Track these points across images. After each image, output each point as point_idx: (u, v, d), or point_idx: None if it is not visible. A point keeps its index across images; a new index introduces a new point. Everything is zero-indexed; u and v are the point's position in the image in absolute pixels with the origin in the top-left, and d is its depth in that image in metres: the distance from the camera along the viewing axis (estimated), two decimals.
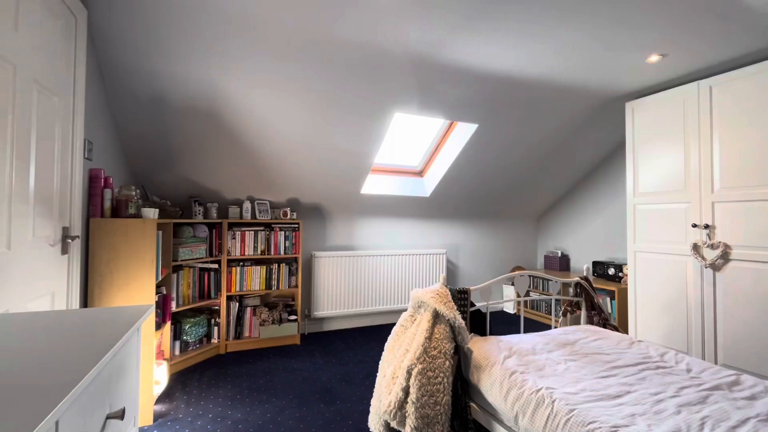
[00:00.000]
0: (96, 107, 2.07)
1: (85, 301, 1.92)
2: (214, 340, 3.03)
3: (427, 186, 3.77)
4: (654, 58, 2.31)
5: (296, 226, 3.32)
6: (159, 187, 2.96)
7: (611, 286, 3.35)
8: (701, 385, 1.50)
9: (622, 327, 3.25)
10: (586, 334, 2.09)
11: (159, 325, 2.33)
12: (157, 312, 2.30)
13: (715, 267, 2.41)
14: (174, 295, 2.72)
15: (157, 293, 2.32)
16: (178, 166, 2.83)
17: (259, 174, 3.09)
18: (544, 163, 3.73)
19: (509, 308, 4.33)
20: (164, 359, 2.48)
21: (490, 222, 4.44)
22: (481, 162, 3.51)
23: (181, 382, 2.51)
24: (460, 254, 4.28)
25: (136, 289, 1.97)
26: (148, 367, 1.97)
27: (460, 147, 3.29)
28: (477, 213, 4.31)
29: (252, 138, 2.73)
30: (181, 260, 2.75)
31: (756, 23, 1.89)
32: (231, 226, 3.16)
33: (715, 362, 2.40)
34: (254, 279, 3.19)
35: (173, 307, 2.70)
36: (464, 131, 3.23)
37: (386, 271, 3.76)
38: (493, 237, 4.46)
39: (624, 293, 3.30)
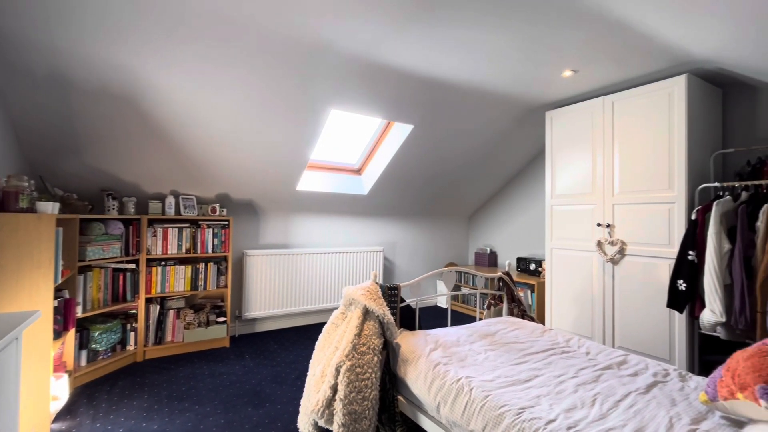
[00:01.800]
0: None
1: None
2: (130, 347, 2.77)
3: (364, 184, 3.79)
4: (568, 73, 2.54)
5: (226, 223, 3.15)
6: (63, 178, 2.63)
7: (532, 280, 3.65)
8: (596, 365, 1.69)
9: (540, 317, 3.55)
10: (505, 325, 2.25)
11: (59, 334, 2.07)
12: (56, 318, 2.05)
13: (614, 261, 2.72)
14: (80, 299, 2.44)
15: (56, 298, 2.07)
16: (88, 155, 2.54)
17: (185, 167, 2.89)
18: (475, 164, 3.94)
19: (442, 303, 4.52)
20: (66, 371, 2.22)
21: (425, 220, 4.59)
22: (416, 162, 3.61)
23: (88, 395, 2.27)
24: (397, 252, 4.38)
25: (29, 293, 1.73)
26: (42, 382, 1.75)
27: (396, 146, 3.36)
28: (413, 211, 4.43)
29: (176, 128, 2.53)
30: (90, 260, 2.48)
31: (651, 49, 2.16)
32: (151, 222, 2.91)
33: (613, 345, 2.72)
34: (178, 279, 2.98)
35: (79, 313, 2.42)
36: (401, 131, 3.30)
37: (323, 270, 3.72)
38: (428, 235, 4.62)
39: (542, 286, 3.61)
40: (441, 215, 4.70)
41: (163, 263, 2.93)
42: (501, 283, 2.59)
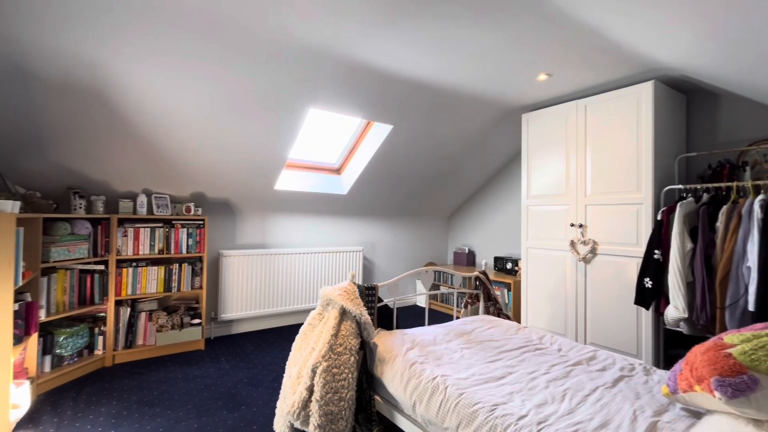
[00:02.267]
0: None
1: None
2: (98, 352, 2.67)
3: (344, 183, 3.77)
4: (543, 77, 2.61)
5: (201, 222, 3.08)
6: (26, 176, 2.51)
7: (508, 279, 3.72)
8: (567, 361, 1.74)
9: (516, 315, 3.63)
10: (482, 323, 2.29)
11: (20, 339, 1.98)
12: (17, 323, 1.95)
13: (586, 260, 2.81)
14: (43, 302, 2.34)
15: (17, 301, 1.98)
16: (52, 152, 2.43)
17: (158, 165, 2.80)
18: (454, 165, 3.99)
19: (422, 302, 4.56)
20: (28, 378, 2.12)
21: (405, 220, 4.61)
22: (396, 162, 3.62)
23: (52, 402, 2.17)
24: (377, 252, 4.38)
25: None
26: (2, 389, 1.66)
27: (376, 146, 3.36)
28: (393, 211, 4.44)
29: (148, 125, 2.46)
30: (54, 261, 2.37)
31: (621, 56, 2.24)
32: (122, 222, 2.81)
33: (585, 341, 2.81)
34: (150, 281, 2.89)
35: (42, 317, 2.32)
36: (380, 131, 3.30)
37: (301, 270, 3.69)
38: (408, 235, 4.64)
39: (518, 285, 3.68)
40: (421, 215, 4.74)
41: (134, 264, 2.84)
42: (478, 282, 2.63)
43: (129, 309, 2.83)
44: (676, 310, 2.18)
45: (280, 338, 3.34)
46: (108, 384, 2.41)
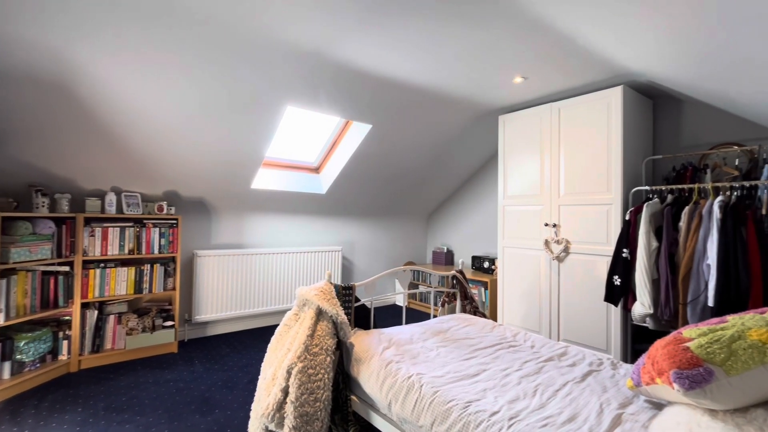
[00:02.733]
0: None
1: None
2: (63, 357, 2.56)
3: (323, 183, 3.75)
4: (518, 80, 2.66)
5: (174, 222, 2.99)
6: None
7: (485, 278, 3.78)
8: (539, 358, 1.78)
9: (492, 313, 3.70)
10: (458, 321, 2.31)
11: None
12: None
13: (559, 259, 2.89)
14: (2, 305, 2.22)
15: None
16: (11, 147, 2.31)
17: (127, 162, 2.70)
18: (433, 165, 4.03)
19: (401, 301, 4.58)
20: None
21: (384, 220, 4.62)
22: (375, 161, 3.62)
23: (11, 411, 2.06)
24: (356, 251, 4.37)
25: None
26: None
27: (355, 146, 3.35)
28: (372, 211, 4.44)
29: (117, 120, 2.37)
30: (14, 263, 2.25)
31: (592, 61, 2.31)
32: (89, 221, 2.70)
33: (558, 338, 2.89)
34: (120, 282, 2.78)
35: (1, 321, 2.20)
36: (359, 130, 3.29)
37: (279, 270, 3.64)
38: (388, 234, 4.65)
39: (495, 284, 3.75)
40: (400, 215, 4.76)
41: (102, 265, 2.73)
42: (455, 281, 2.66)
43: (96, 312, 2.72)
44: (642, 306, 2.27)
45: (256, 340, 3.28)
46: (73, 390, 2.31)
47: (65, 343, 2.57)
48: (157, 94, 2.27)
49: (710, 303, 1.98)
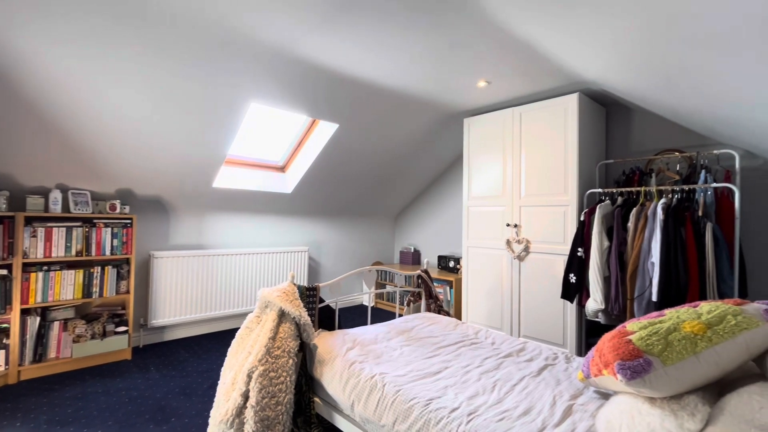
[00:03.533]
0: None
1: None
2: (0, 368, 2.36)
3: (289, 182, 3.68)
4: (482, 84, 2.73)
5: (128, 221, 2.83)
6: None
7: (451, 277, 3.86)
8: (499, 354, 1.84)
9: (457, 312, 3.78)
10: (422, 320, 2.34)
11: None
12: None
13: (520, 258, 3.00)
14: None
15: None
16: None
17: (76, 158, 2.53)
18: (400, 165, 4.06)
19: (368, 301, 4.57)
20: None
21: (352, 220, 4.60)
22: (342, 161, 3.60)
23: None
24: (323, 251, 4.33)
25: None
26: None
27: (321, 145, 3.32)
28: (340, 211, 4.41)
29: (63, 115, 2.21)
30: None
31: (550, 68, 2.41)
32: (30, 220, 2.50)
33: (519, 334, 3.00)
34: (66, 286, 2.60)
35: None
36: (326, 130, 3.26)
37: (243, 271, 3.54)
38: (355, 234, 4.64)
39: (460, 283, 3.83)
40: (368, 215, 4.76)
41: (45, 268, 2.54)
42: (420, 281, 2.69)
43: (38, 318, 2.52)
44: (595, 302, 2.39)
45: (217, 344, 3.17)
46: (11, 404, 2.14)
47: (2, 353, 2.36)
48: (108, 89, 2.14)
49: (654, 298, 2.12)
